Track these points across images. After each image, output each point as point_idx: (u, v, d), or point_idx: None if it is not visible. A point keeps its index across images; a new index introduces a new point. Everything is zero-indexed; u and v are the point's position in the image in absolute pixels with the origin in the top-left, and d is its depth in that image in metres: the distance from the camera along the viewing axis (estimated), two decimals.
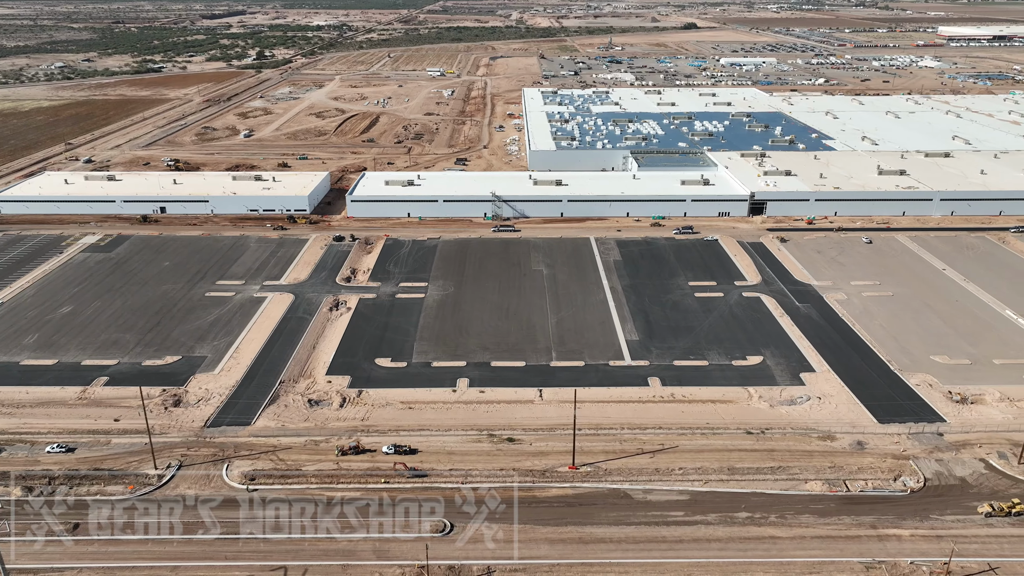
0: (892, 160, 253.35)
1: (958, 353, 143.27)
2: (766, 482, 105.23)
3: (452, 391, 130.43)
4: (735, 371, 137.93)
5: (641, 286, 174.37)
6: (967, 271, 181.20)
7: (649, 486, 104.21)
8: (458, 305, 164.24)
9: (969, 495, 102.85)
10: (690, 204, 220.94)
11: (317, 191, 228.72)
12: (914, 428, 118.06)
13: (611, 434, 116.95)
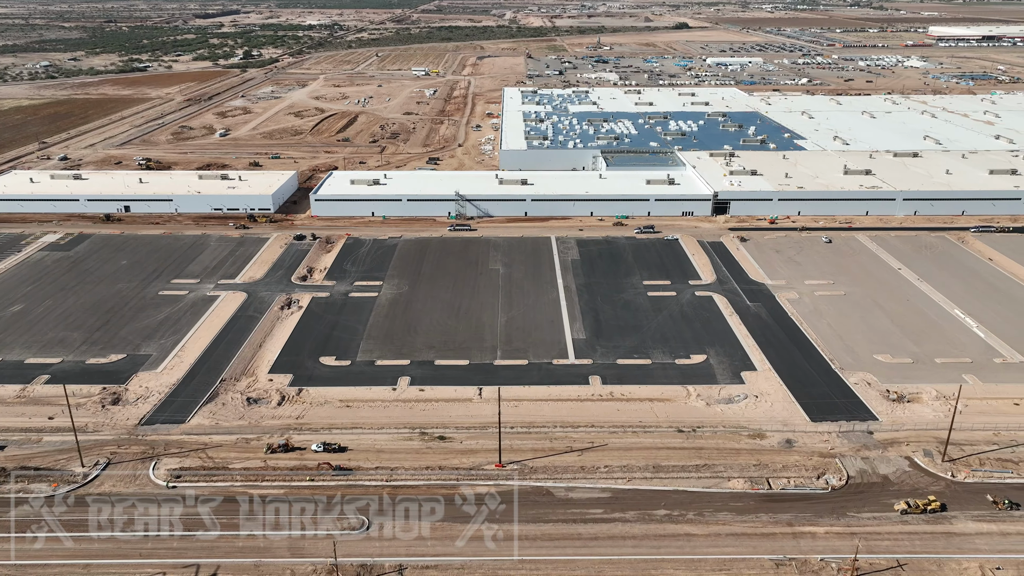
0: (860, 160, 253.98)
1: (901, 352, 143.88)
2: (689, 480, 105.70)
3: (392, 389, 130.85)
4: (677, 370, 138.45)
5: (595, 285, 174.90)
6: (922, 270, 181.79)
7: (573, 484, 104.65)
8: (410, 304, 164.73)
9: (890, 493, 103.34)
10: (654, 204, 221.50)
11: (282, 190, 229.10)
12: (845, 426, 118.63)
13: (543, 432, 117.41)
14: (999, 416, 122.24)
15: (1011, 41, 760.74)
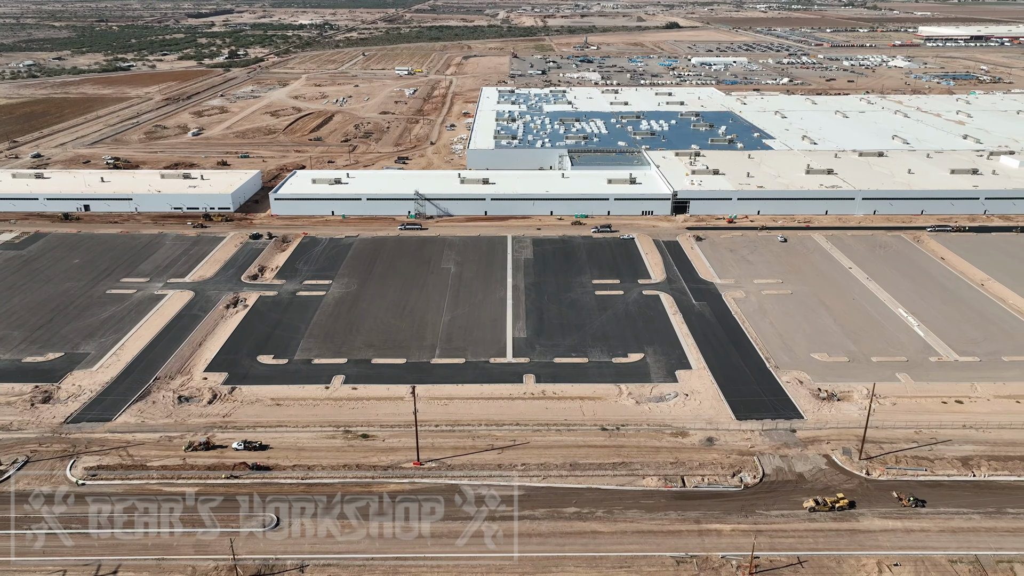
0: (824, 159, 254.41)
1: (839, 351, 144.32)
2: (604, 478, 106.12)
3: (325, 388, 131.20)
4: (613, 368, 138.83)
5: (544, 284, 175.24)
6: (872, 270, 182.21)
7: (487, 482, 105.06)
8: (356, 303, 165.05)
9: (802, 490, 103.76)
10: (613, 203, 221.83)
11: (243, 189, 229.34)
12: (768, 425, 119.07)
13: (467, 430, 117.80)
14: (925, 414, 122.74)
15: (999, 41, 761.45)
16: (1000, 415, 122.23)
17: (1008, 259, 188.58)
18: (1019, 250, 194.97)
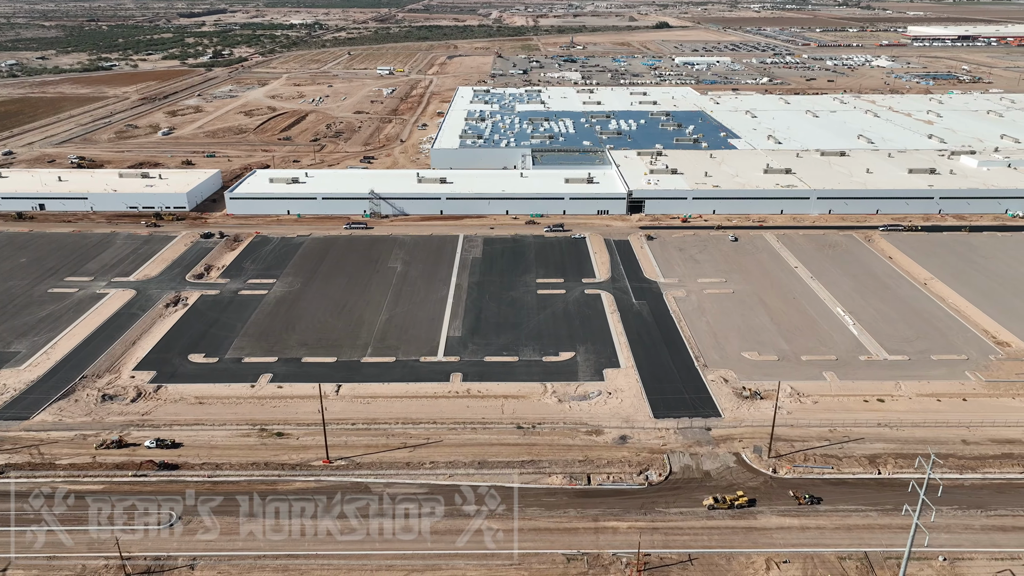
0: (785, 159, 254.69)
1: (770, 349, 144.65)
2: (511, 475, 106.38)
3: (251, 386, 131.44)
4: (542, 367, 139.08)
5: (488, 283, 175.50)
6: (817, 269, 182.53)
7: (394, 480, 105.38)
8: (296, 302, 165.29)
9: (706, 488, 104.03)
10: (568, 202, 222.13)
11: (200, 189, 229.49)
12: (684, 423, 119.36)
13: (383, 429, 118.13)
14: (844, 413, 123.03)
15: (986, 41, 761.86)
16: (917, 413, 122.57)
17: (954, 259, 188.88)
18: (967, 250, 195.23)
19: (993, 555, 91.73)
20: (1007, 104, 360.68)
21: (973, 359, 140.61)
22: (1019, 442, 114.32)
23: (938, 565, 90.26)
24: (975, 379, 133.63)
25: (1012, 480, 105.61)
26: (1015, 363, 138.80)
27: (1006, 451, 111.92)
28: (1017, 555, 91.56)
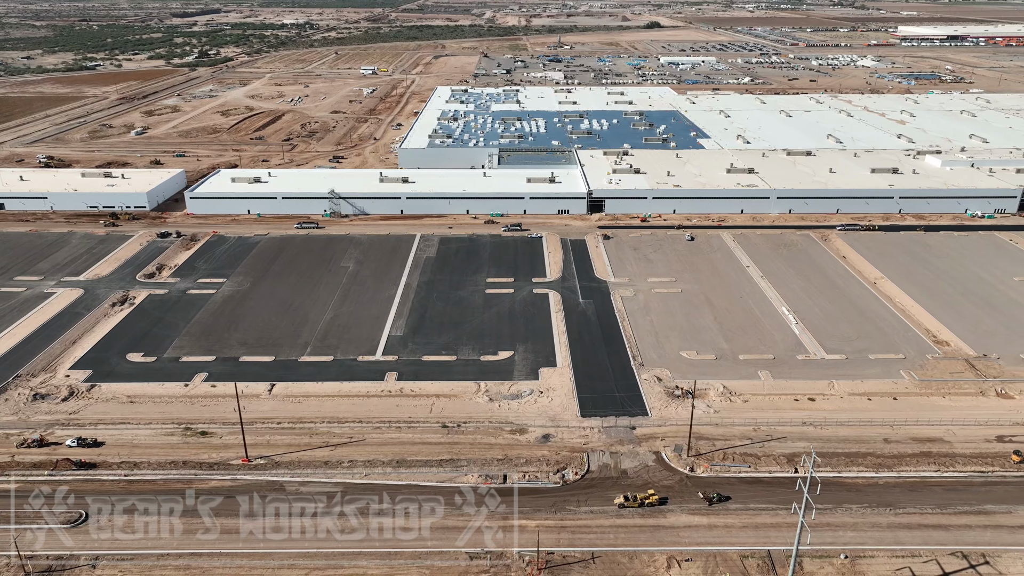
0: (750, 159, 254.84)
1: (709, 349, 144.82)
2: (427, 475, 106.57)
3: (184, 385, 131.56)
4: (479, 366, 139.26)
5: (438, 282, 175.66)
6: (768, 268, 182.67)
7: (309, 479, 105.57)
8: (243, 301, 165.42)
9: (621, 487, 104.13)
10: (528, 202, 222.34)
11: (161, 188, 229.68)
12: (609, 422, 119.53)
13: (308, 428, 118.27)
14: (772, 412, 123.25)
15: (974, 41, 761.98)
16: (845, 412, 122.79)
17: (907, 258, 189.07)
18: (921, 249, 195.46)
19: (894, 552, 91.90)
20: (982, 104, 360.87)
21: (910, 358, 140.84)
22: (940, 440, 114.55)
23: (839, 563, 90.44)
24: (909, 378, 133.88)
25: (926, 479, 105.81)
26: (951, 362, 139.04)
27: (925, 449, 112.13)
28: (918, 552, 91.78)
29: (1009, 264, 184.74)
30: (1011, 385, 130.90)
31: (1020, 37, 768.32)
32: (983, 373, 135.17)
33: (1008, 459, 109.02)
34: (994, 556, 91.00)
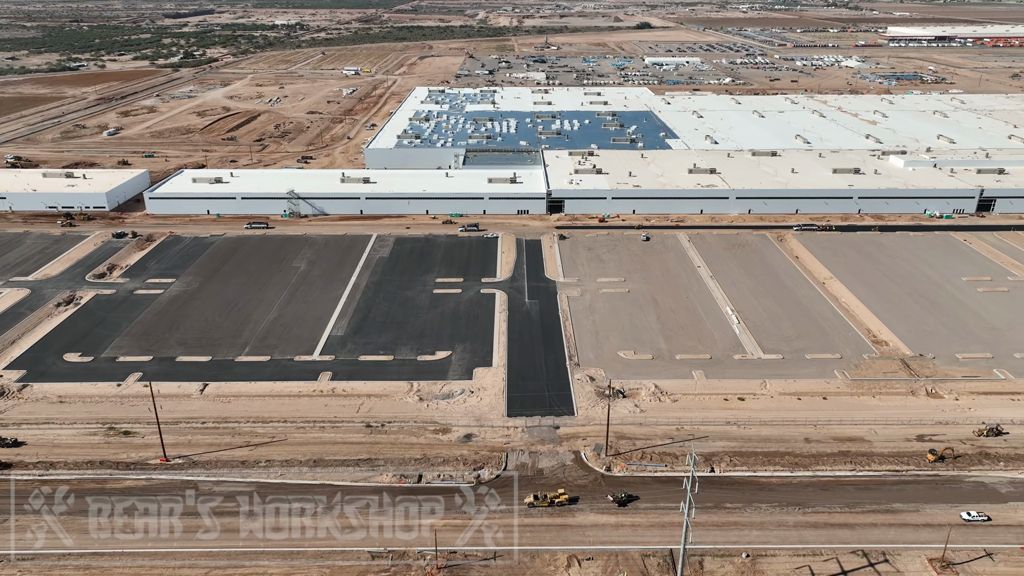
0: (714, 159, 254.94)
1: (647, 348, 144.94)
2: (342, 474, 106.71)
3: (117, 385, 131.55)
4: (415, 366, 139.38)
5: (387, 283, 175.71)
6: (719, 268, 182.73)
7: (224, 478, 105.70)
8: (189, 301, 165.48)
9: (536, 486, 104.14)
10: (488, 202, 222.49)
11: (122, 189, 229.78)
12: (533, 422, 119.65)
13: (231, 427, 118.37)
14: (698, 411, 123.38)
15: (961, 42, 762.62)
16: (772, 412, 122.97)
17: (860, 258, 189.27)
18: (875, 249, 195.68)
19: (796, 551, 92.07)
20: (956, 105, 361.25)
21: (846, 358, 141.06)
22: (861, 440, 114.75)
23: (739, 562, 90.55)
24: (841, 378, 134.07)
25: (840, 478, 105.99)
26: (886, 362, 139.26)
27: (844, 449, 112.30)
28: (819, 551, 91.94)
29: (960, 264, 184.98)
30: (942, 385, 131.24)
31: (1007, 38, 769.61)
32: (916, 373, 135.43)
33: (924, 458, 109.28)
34: (894, 554, 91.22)
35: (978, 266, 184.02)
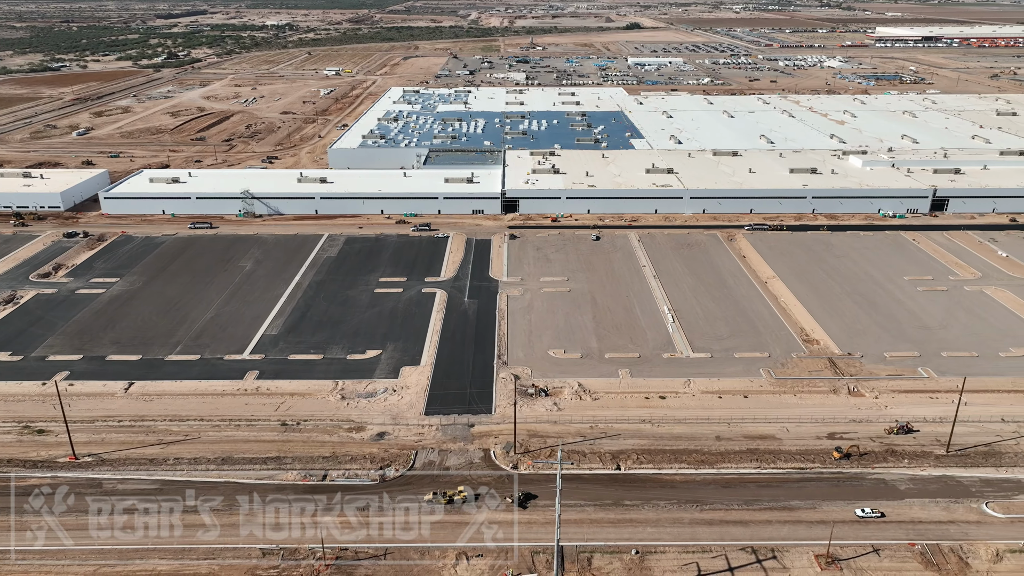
0: (673, 159, 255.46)
1: (577, 347, 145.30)
2: (248, 472, 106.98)
3: (42, 384, 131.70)
4: (343, 364, 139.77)
5: (330, 282, 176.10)
6: (664, 268, 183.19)
7: (130, 476, 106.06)
8: (130, 300, 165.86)
9: (440, 483, 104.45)
10: (443, 202, 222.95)
11: (79, 188, 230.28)
12: (448, 420, 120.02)
13: (147, 426, 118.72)
14: (617, 410, 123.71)
15: (947, 42, 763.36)
16: (690, 410, 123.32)
17: (806, 258, 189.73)
18: (823, 249, 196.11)
19: (686, 548, 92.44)
20: (927, 105, 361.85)
21: (775, 357, 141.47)
22: (772, 438, 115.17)
23: (628, 559, 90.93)
24: (766, 376, 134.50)
25: (743, 476, 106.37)
26: (813, 360, 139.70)
27: (754, 447, 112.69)
28: (709, 548, 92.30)
29: (904, 264, 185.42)
30: (865, 383, 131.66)
31: (993, 38, 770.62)
32: (842, 372, 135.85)
33: (831, 456, 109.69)
34: (782, 551, 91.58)
35: (922, 266, 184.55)
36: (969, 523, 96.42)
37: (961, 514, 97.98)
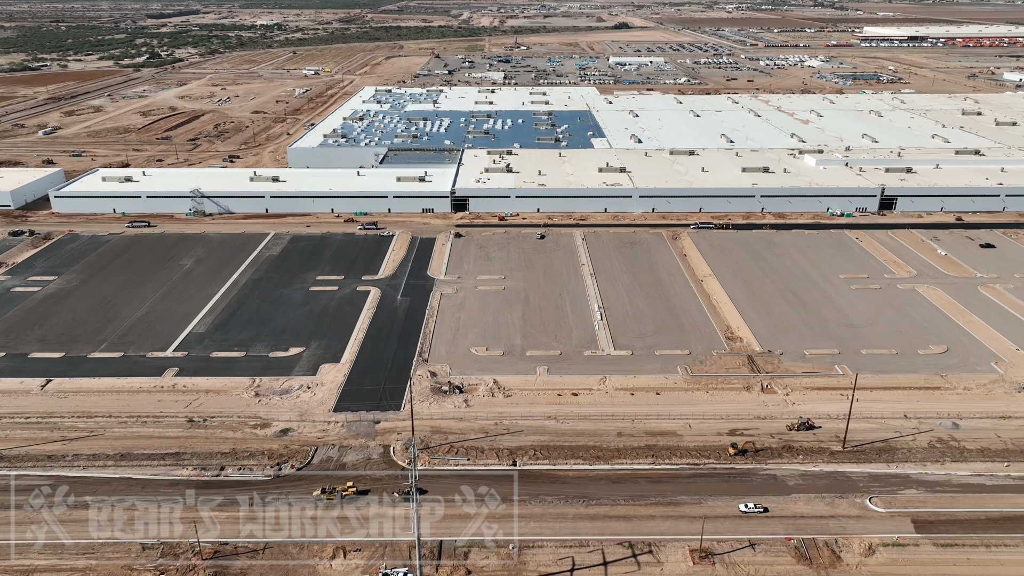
0: (628, 158, 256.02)
1: (501, 345, 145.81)
2: (145, 468, 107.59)
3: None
4: (264, 362, 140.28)
5: (267, 280, 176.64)
6: (602, 267, 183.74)
7: (28, 472, 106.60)
8: (65, 298, 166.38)
9: (334, 479, 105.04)
10: (393, 200, 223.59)
11: (30, 187, 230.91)
12: (355, 416, 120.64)
13: (54, 423, 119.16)
14: (526, 407, 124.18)
15: (933, 42, 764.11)
16: (599, 407, 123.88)
17: (745, 256, 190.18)
18: (764, 247, 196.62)
19: (564, 543, 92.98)
20: (895, 104, 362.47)
21: (695, 354, 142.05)
22: (673, 434, 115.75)
23: (505, 553, 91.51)
24: (682, 373, 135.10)
25: (637, 471, 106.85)
26: (732, 358, 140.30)
27: (653, 443, 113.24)
28: (587, 543, 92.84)
29: (843, 262, 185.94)
30: (779, 380, 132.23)
31: (978, 38, 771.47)
32: (759, 368, 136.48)
33: (726, 452, 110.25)
34: (658, 545, 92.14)
35: (860, 264, 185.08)
36: (850, 518, 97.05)
37: (843, 509, 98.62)
